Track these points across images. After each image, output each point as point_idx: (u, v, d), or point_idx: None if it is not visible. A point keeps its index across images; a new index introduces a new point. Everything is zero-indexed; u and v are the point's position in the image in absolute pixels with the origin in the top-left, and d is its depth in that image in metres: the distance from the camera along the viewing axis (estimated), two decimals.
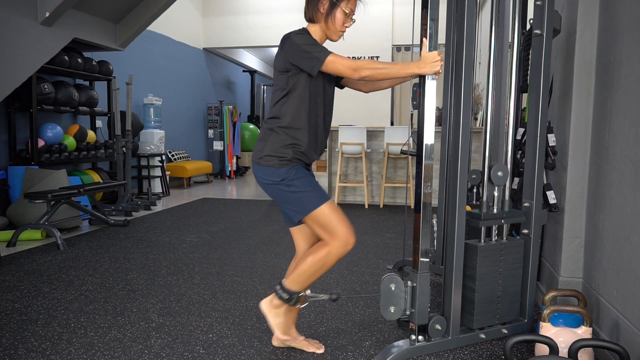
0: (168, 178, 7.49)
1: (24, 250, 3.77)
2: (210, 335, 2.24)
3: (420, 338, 2.01)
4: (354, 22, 1.93)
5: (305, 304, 1.98)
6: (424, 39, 1.89)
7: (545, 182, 2.42)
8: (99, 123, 6.17)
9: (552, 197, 2.43)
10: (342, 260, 3.53)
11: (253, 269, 3.30)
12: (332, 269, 3.30)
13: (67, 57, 5.06)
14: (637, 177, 1.78)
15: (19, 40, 4.08)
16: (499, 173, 2.15)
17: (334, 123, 7.60)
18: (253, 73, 11.03)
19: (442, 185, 2.70)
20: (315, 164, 6.45)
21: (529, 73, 2.31)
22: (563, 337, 1.89)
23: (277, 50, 1.88)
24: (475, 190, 2.98)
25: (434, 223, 3.13)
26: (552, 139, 2.42)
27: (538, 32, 2.21)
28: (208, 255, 3.66)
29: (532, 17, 2.25)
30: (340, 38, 1.94)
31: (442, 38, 2.41)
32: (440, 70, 1.88)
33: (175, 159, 8.13)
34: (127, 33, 5.47)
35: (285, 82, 1.84)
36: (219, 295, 2.78)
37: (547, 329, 1.94)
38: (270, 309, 1.97)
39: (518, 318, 2.29)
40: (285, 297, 1.93)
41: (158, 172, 7.11)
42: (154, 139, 7.16)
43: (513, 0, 2.22)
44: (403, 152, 5.43)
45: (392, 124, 8.63)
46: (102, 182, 5.28)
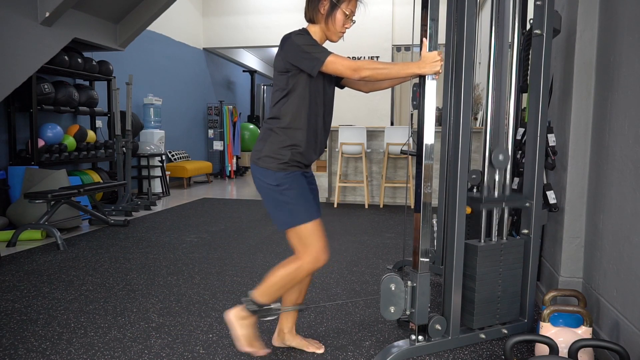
0: (168, 178, 7.49)
1: (24, 250, 3.77)
2: (210, 335, 2.24)
3: (420, 338, 2.01)
4: (354, 23, 1.93)
5: (274, 317, 1.97)
6: (424, 39, 1.89)
7: (545, 182, 2.43)
8: (99, 123, 6.17)
9: (552, 197, 2.43)
10: (342, 261, 3.53)
11: (253, 269, 3.30)
12: (332, 269, 3.30)
13: (67, 57, 5.06)
14: (637, 177, 1.78)
15: (19, 40, 4.08)
16: (500, 156, 2.14)
17: (334, 123, 7.60)
18: (253, 73, 11.03)
19: (442, 185, 2.70)
20: (315, 164, 6.45)
21: (529, 73, 2.31)
22: (563, 337, 1.89)
23: (277, 51, 1.88)
24: (475, 191, 2.98)
25: (434, 223, 3.13)
26: (552, 139, 2.42)
27: (538, 32, 2.21)
28: (208, 255, 3.66)
29: (532, 17, 2.25)
30: (340, 39, 1.94)
31: (442, 38, 2.40)
32: (440, 70, 1.88)
33: (175, 159, 8.13)
34: (127, 33, 5.47)
35: (285, 82, 1.84)
36: (219, 295, 2.78)
37: (547, 329, 1.94)
38: (237, 320, 1.92)
39: (518, 318, 2.29)
40: (253, 309, 1.90)
41: (158, 172, 7.11)
42: (154, 139, 7.16)
43: (513, 0, 2.22)
44: (403, 152, 5.44)
45: (392, 124, 8.63)
46: (102, 182, 5.28)
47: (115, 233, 4.42)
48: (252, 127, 10.22)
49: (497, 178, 2.20)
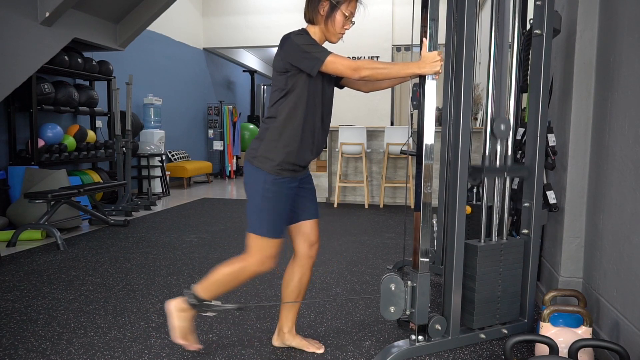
0: (168, 178, 7.49)
1: (24, 250, 3.77)
2: (210, 335, 2.24)
3: (420, 338, 2.01)
4: (354, 24, 1.93)
5: (212, 314, 1.98)
6: (424, 39, 1.89)
7: (545, 182, 2.42)
8: (99, 123, 6.17)
9: (552, 197, 2.43)
10: (342, 260, 3.53)
11: None
12: (332, 269, 3.30)
13: (67, 57, 5.06)
14: (637, 177, 1.78)
15: (19, 40, 4.08)
16: (502, 126, 2.14)
17: (334, 123, 7.60)
18: (253, 73, 11.03)
19: (442, 185, 2.70)
20: (316, 164, 6.46)
21: (529, 73, 2.31)
22: (563, 337, 1.89)
23: (276, 51, 1.88)
24: (475, 190, 2.98)
25: (434, 223, 3.13)
26: (552, 139, 2.42)
27: (538, 32, 2.21)
28: (208, 255, 3.66)
29: (532, 17, 2.25)
30: (340, 40, 1.94)
31: (442, 38, 2.40)
32: (440, 70, 1.88)
33: (175, 159, 8.13)
34: (127, 33, 5.47)
35: (285, 82, 1.83)
36: (219, 296, 2.77)
37: (547, 329, 1.94)
38: (176, 312, 1.96)
39: (518, 318, 2.29)
40: (194, 302, 1.93)
41: (158, 172, 7.11)
42: (154, 139, 7.16)
43: (513, 0, 2.22)
44: (403, 152, 5.44)
45: (392, 124, 8.63)
46: (102, 182, 5.28)
47: (115, 233, 4.42)
48: (252, 127, 10.22)
49: (498, 148, 2.19)
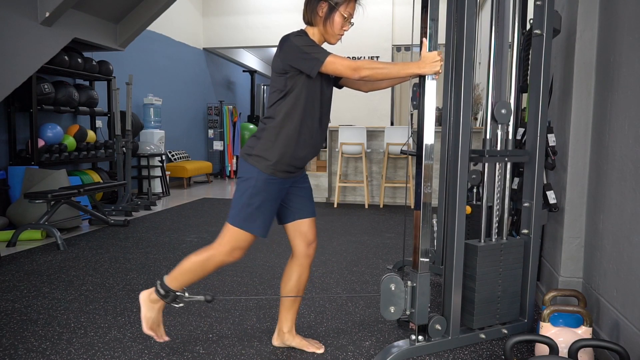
0: (168, 178, 7.49)
1: (24, 250, 3.77)
2: (210, 335, 2.24)
3: (420, 338, 2.01)
4: (352, 25, 1.93)
5: (181, 305, 1.99)
6: (424, 39, 1.89)
7: (545, 182, 2.42)
8: (99, 123, 6.17)
9: (552, 197, 2.43)
10: (342, 261, 3.53)
11: (253, 269, 3.30)
12: (332, 269, 3.30)
13: (67, 57, 5.06)
14: (637, 177, 1.78)
15: (19, 40, 4.08)
16: (502, 110, 2.13)
17: (334, 123, 7.61)
18: (253, 73, 11.03)
19: (442, 185, 2.70)
20: (316, 164, 6.46)
21: (529, 73, 2.31)
22: (563, 337, 1.89)
23: (275, 52, 1.88)
24: (475, 190, 2.98)
25: (434, 223, 3.13)
26: (552, 139, 2.42)
27: (538, 32, 2.21)
28: None
29: (532, 17, 2.25)
30: (339, 41, 1.94)
31: (442, 38, 2.40)
32: (440, 70, 1.88)
33: (175, 159, 8.13)
34: (127, 33, 5.47)
35: (284, 83, 1.83)
36: (219, 296, 2.78)
37: (547, 329, 1.94)
38: (147, 302, 1.97)
39: (518, 318, 2.29)
40: (162, 293, 1.94)
41: (158, 172, 7.12)
42: (154, 139, 7.16)
43: (513, 0, 2.22)
44: (403, 152, 5.44)
45: (392, 124, 8.63)
46: (102, 182, 5.28)
47: (115, 233, 4.42)
48: (252, 127, 10.22)
49: (499, 133, 2.19)
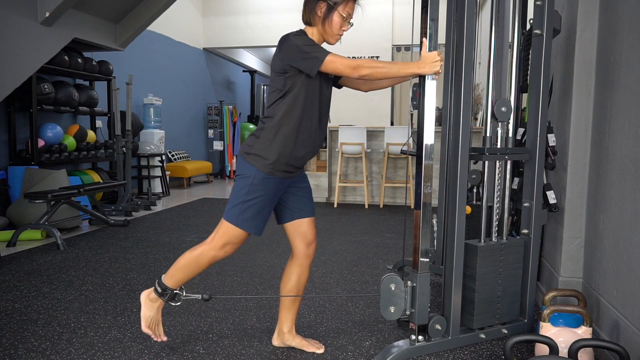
0: (168, 178, 7.49)
1: (24, 250, 3.77)
2: (210, 335, 2.24)
3: (420, 338, 2.01)
4: (352, 25, 1.92)
5: (179, 303, 2.01)
6: (424, 39, 1.89)
7: (545, 182, 2.42)
8: (99, 123, 6.17)
9: (552, 197, 2.43)
10: (342, 261, 3.53)
11: (253, 269, 3.30)
12: (332, 269, 3.30)
13: (67, 57, 5.06)
14: (637, 177, 1.78)
15: (19, 40, 4.08)
16: (503, 108, 2.13)
17: (334, 123, 7.61)
18: (253, 73, 11.03)
19: (442, 185, 2.70)
20: (316, 164, 6.46)
21: (529, 73, 2.31)
22: (563, 337, 1.89)
23: (274, 52, 1.88)
24: (475, 190, 2.98)
25: (434, 223, 3.13)
26: (552, 139, 2.42)
27: (538, 32, 2.21)
28: None
29: (532, 17, 2.25)
30: (338, 41, 1.94)
31: (442, 38, 2.40)
32: (440, 70, 1.88)
33: (175, 159, 8.13)
34: (127, 33, 5.47)
35: (283, 83, 1.83)
36: (218, 295, 2.78)
37: (547, 329, 1.94)
38: (147, 301, 2.00)
39: (518, 318, 2.29)
40: (160, 291, 1.96)
41: (158, 172, 7.12)
42: (154, 139, 7.16)
43: (513, 0, 2.22)
44: (403, 152, 5.44)
45: (392, 124, 8.63)
46: (102, 182, 5.28)
47: (115, 233, 4.42)
48: (252, 127, 10.21)
49: (499, 131, 2.19)
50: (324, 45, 1.91)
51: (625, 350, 1.65)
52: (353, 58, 1.85)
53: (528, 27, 2.46)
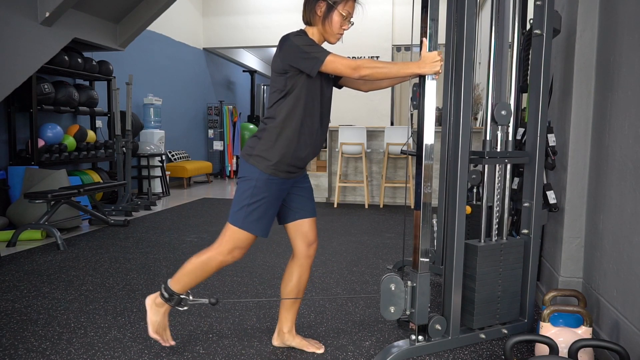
0: (168, 178, 7.49)
1: (24, 250, 3.77)
2: (210, 335, 2.24)
3: (420, 338, 2.01)
4: (352, 24, 1.92)
5: (185, 308, 2.00)
6: (424, 39, 1.89)
7: (545, 182, 2.43)
8: (99, 123, 6.17)
9: (552, 197, 2.43)
10: (342, 261, 3.53)
11: (253, 269, 3.30)
12: (332, 269, 3.30)
13: (67, 57, 5.06)
14: (637, 177, 1.78)
15: (19, 40, 4.08)
16: (502, 112, 2.13)
17: (334, 123, 7.60)
18: (253, 73, 11.03)
19: (442, 185, 2.70)
20: (315, 164, 6.46)
21: (529, 73, 2.31)
22: (563, 337, 1.89)
23: (275, 52, 1.88)
24: (475, 190, 2.98)
25: (434, 223, 3.13)
26: (552, 139, 2.42)
27: (538, 32, 2.21)
28: None
29: (532, 17, 2.25)
30: (339, 41, 1.94)
31: (442, 38, 2.40)
32: (440, 70, 1.88)
33: (175, 159, 8.13)
34: (127, 33, 5.47)
35: (284, 83, 1.83)
36: (219, 296, 2.78)
37: (547, 329, 1.94)
38: (152, 306, 1.98)
39: (518, 318, 2.29)
40: (166, 296, 1.95)
41: (158, 172, 7.11)
42: (154, 139, 7.16)
43: (513, 0, 2.22)
44: (403, 152, 5.44)
45: (392, 124, 8.63)
46: (102, 182, 5.28)
47: (115, 233, 4.42)
48: (252, 127, 10.22)
49: (499, 134, 2.19)
50: (325, 45, 1.91)
51: (625, 350, 1.65)
52: (353, 58, 1.85)
53: (528, 27, 2.46)
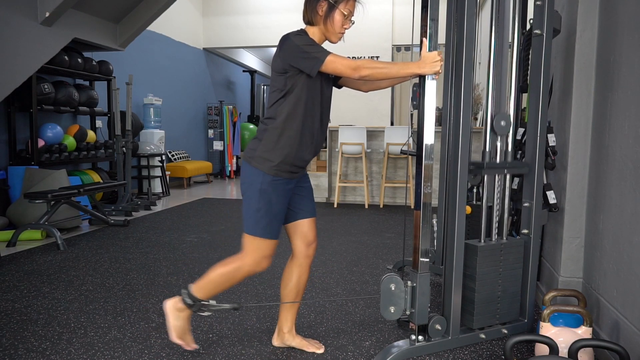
0: (168, 178, 7.49)
1: (24, 250, 3.77)
2: (210, 335, 2.24)
3: (420, 338, 2.01)
4: (353, 23, 1.93)
5: (208, 313, 2.00)
6: (424, 39, 1.89)
7: (545, 182, 2.43)
8: (99, 123, 6.17)
9: (552, 197, 2.43)
10: (342, 260, 3.53)
11: None
12: (332, 269, 3.30)
13: (67, 57, 5.06)
14: (637, 177, 1.78)
15: (19, 40, 4.08)
16: (502, 122, 2.13)
17: (334, 123, 7.61)
18: (253, 73, 11.03)
19: (442, 185, 2.70)
20: (315, 164, 6.46)
21: (529, 73, 2.31)
22: (563, 337, 1.89)
23: (275, 52, 1.88)
24: (475, 190, 2.98)
25: (434, 223, 3.13)
26: (552, 139, 2.42)
27: (538, 32, 2.21)
28: (208, 255, 3.66)
29: (532, 17, 2.25)
30: (340, 40, 1.94)
31: (442, 38, 2.40)
32: (440, 70, 1.88)
33: (175, 159, 8.13)
34: (127, 33, 5.47)
35: (284, 83, 1.83)
36: (219, 296, 2.77)
37: (547, 329, 1.94)
38: (173, 311, 1.96)
39: (518, 318, 2.29)
40: (189, 302, 1.94)
41: (158, 172, 7.11)
42: (154, 139, 7.16)
43: (513, 0, 2.22)
44: (403, 152, 5.44)
45: (392, 124, 8.63)
46: (102, 182, 5.28)
47: (115, 233, 4.42)
48: (252, 127, 10.22)
49: (499, 145, 2.19)
50: (325, 45, 1.91)
51: (625, 350, 1.65)
52: (353, 58, 1.85)
53: (528, 27, 2.46)
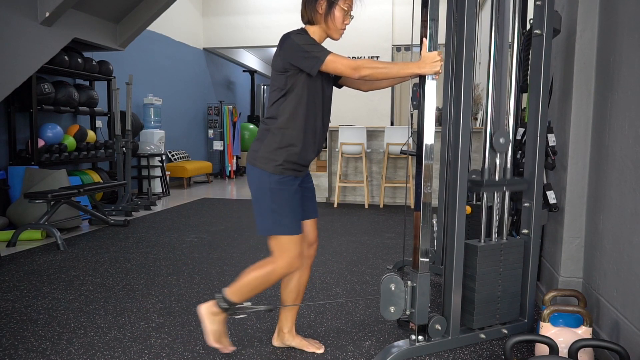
0: (168, 178, 7.49)
1: (24, 250, 3.77)
2: None
3: (420, 338, 2.01)
4: (353, 18, 1.93)
5: (244, 316, 2.00)
6: (424, 39, 1.89)
7: (545, 182, 2.43)
8: (99, 123, 6.16)
9: (552, 197, 2.43)
10: (342, 261, 3.53)
11: None
12: (332, 269, 3.30)
13: (67, 57, 5.06)
14: (637, 177, 1.78)
15: (19, 40, 4.08)
16: (501, 140, 2.14)
17: (334, 123, 7.60)
18: (253, 73, 11.03)
19: (442, 185, 2.70)
20: (315, 164, 6.46)
21: (529, 73, 2.31)
22: (563, 337, 1.89)
23: (275, 51, 1.88)
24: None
25: (434, 223, 3.13)
26: (552, 139, 2.42)
27: (538, 32, 2.21)
28: (208, 255, 3.66)
29: (532, 17, 2.25)
30: (341, 36, 1.94)
31: (442, 38, 2.40)
32: (440, 70, 1.88)
33: (175, 159, 8.13)
34: (127, 33, 5.47)
35: (284, 82, 1.83)
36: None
37: (547, 329, 1.94)
38: (208, 315, 1.96)
39: (518, 318, 2.29)
40: (225, 306, 1.94)
41: (158, 172, 7.11)
42: (154, 139, 7.16)
43: (513, 0, 2.22)
44: (403, 152, 5.44)
45: (392, 124, 8.63)
46: (102, 182, 5.28)
47: (115, 233, 4.42)
48: (252, 127, 10.22)
49: (498, 162, 2.20)
50: (325, 44, 1.91)
51: (625, 350, 1.65)
52: (353, 58, 1.85)
53: (528, 27, 2.46)
